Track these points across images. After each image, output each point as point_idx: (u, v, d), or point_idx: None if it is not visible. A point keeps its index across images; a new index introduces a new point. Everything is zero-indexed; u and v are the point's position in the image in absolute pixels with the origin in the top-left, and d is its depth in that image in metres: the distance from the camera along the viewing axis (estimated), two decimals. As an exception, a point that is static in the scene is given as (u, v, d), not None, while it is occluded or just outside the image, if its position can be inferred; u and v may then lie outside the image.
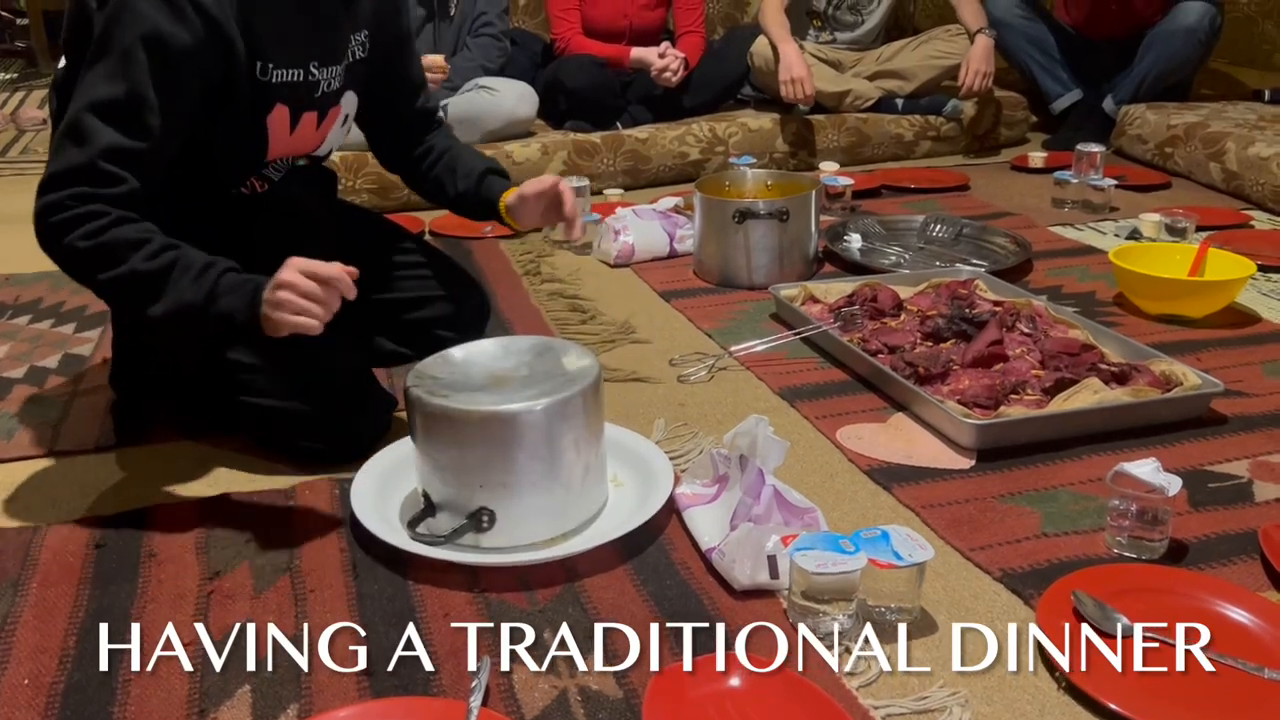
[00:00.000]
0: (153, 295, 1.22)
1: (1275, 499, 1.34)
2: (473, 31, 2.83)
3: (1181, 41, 3.04)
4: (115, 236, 1.21)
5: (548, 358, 1.31)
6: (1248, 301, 2.00)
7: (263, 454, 1.48)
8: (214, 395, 1.48)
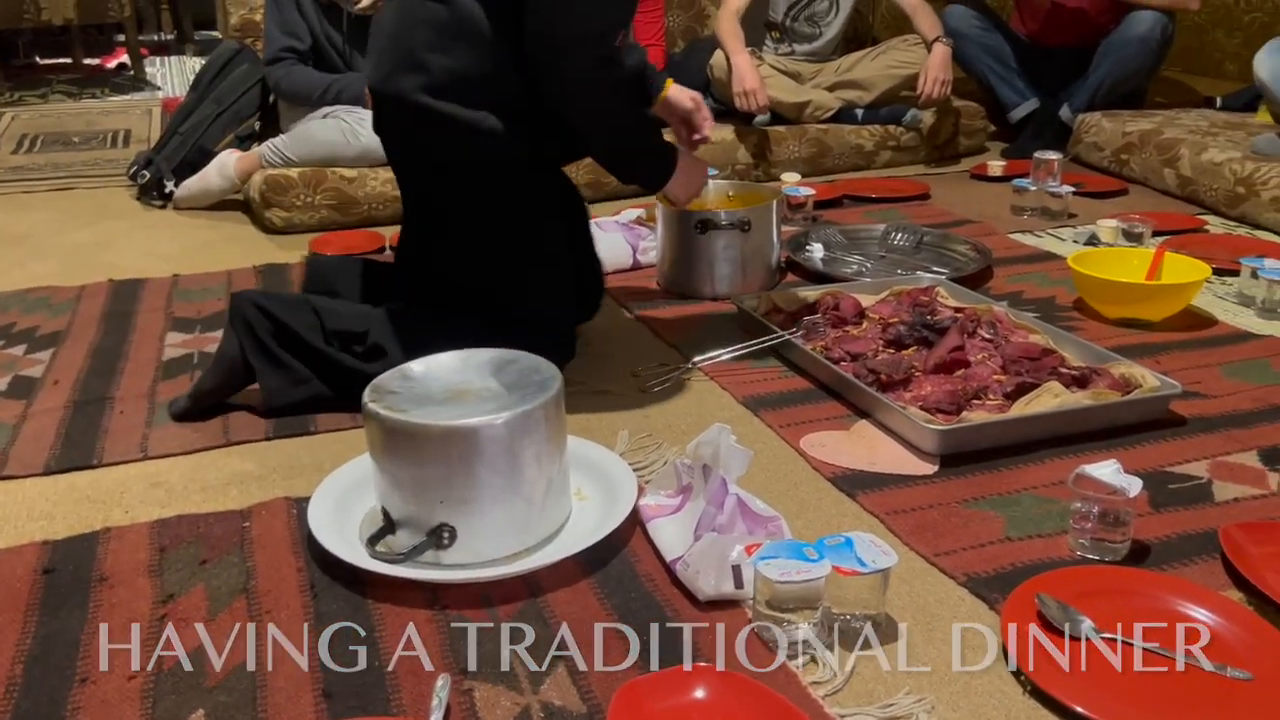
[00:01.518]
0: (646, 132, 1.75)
1: (1234, 499, 1.35)
2: None
3: (1134, 50, 3.08)
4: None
5: (509, 371, 1.29)
6: (1204, 304, 2.03)
7: (219, 473, 1.46)
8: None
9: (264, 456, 1.52)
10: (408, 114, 1.64)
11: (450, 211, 1.73)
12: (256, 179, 2.66)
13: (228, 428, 1.59)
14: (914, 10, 3.15)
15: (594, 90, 1.63)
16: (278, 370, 1.62)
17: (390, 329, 1.67)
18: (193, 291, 2.21)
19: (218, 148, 2.88)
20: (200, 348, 1.91)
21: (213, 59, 3.05)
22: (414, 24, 1.62)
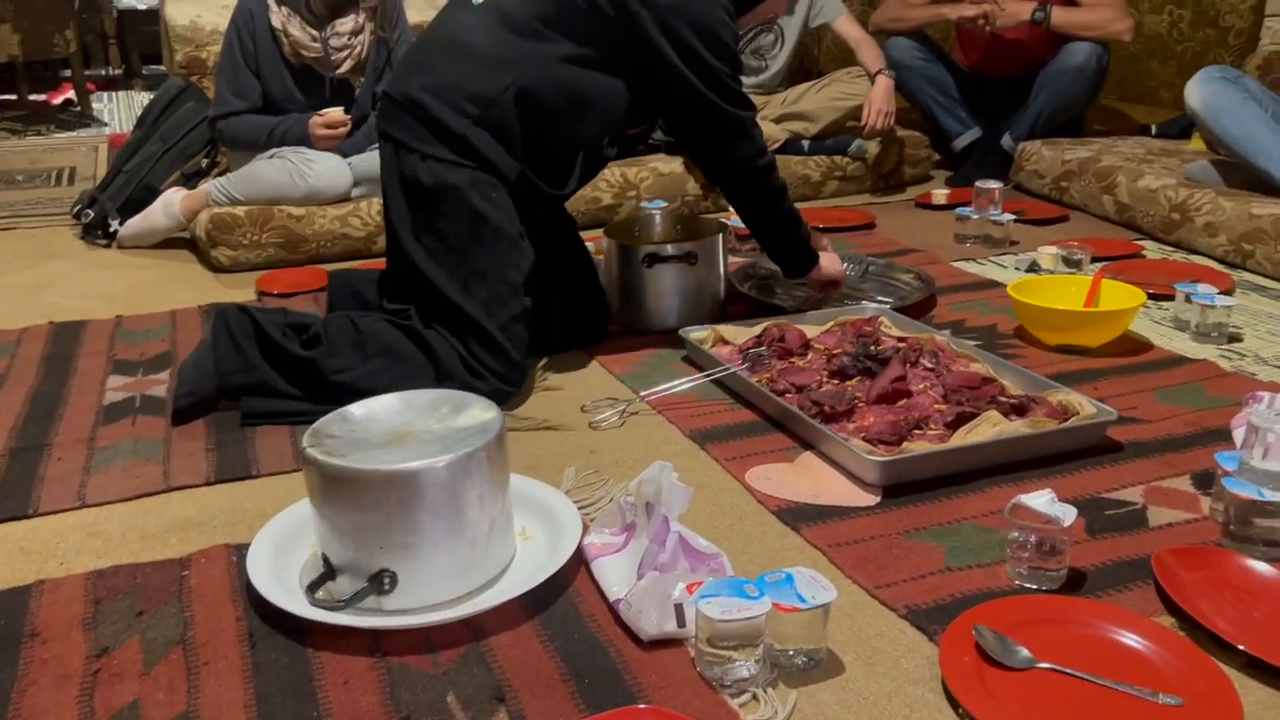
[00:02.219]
0: (796, 225, 2.11)
1: (1168, 524, 1.38)
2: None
3: (1071, 80, 3.16)
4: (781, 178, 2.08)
5: (450, 411, 1.29)
6: (1141, 329, 2.07)
7: (159, 520, 1.44)
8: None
9: (206, 502, 1.50)
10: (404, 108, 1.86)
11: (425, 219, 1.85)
12: (203, 217, 2.64)
13: (169, 473, 1.57)
14: (857, 43, 3.20)
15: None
16: (236, 356, 1.76)
17: (337, 323, 1.80)
18: (136, 333, 2.19)
19: (163, 186, 2.86)
20: (142, 391, 1.89)
21: (159, 96, 3.03)
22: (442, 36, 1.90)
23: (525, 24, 1.83)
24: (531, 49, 1.83)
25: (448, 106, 1.81)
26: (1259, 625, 1.14)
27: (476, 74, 1.81)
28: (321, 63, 2.66)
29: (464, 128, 1.81)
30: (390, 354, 1.77)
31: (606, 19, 1.82)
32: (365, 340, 1.78)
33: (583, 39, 1.84)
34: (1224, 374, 1.87)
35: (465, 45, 1.84)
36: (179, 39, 3.18)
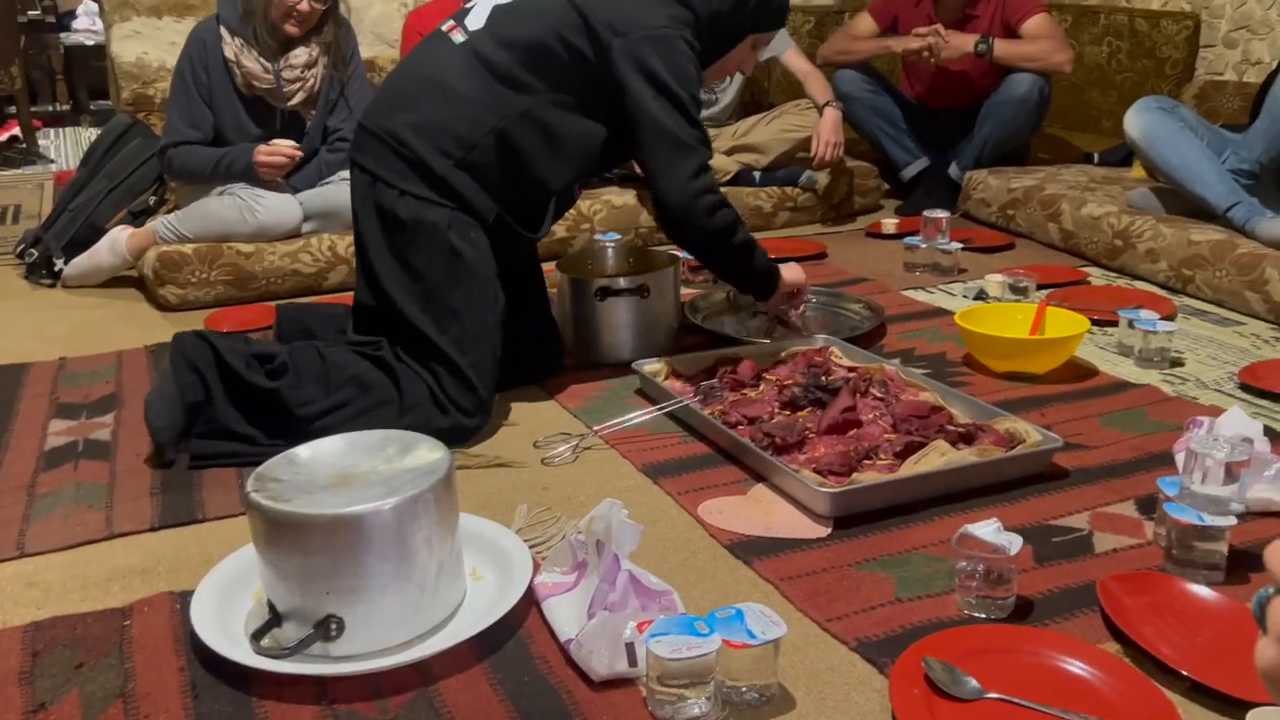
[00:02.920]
0: (750, 257, 2.02)
1: (1113, 549, 1.40)
2: (330, 144, 2.78)
3: (1014, 110, 3.22)
4: (733, 212, 1.97)
5: (397, 452, 1.28)
6: (1087, 355, 2.11)
7: (101, 568, 1.41)
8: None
9: (150, 548, 1.47)
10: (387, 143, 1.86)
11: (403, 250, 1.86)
12: (150, 255, 2.61)
13: (111, 519, 1.54)
14: (805, 76, 3.25)
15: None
16: (199, 385, 1.73)
17: (303, 353, 1.80)
18: (80, 375, 2.15)
19: (109, 224, 2.82)
20: (86, 434, 1.85)
21: (104, 133, 3.00)
22: (422, 73, 1.91)
23: (505, 70, 1.84)
24: (511, 94, 1.84)
25: (432, 147, 1.82)
26: (1202, 650, 1.15)
27: (460, 116, 1.83)
28: (274, 94, 2.65)
29: (446, 169, 1.82)
30: (357, 384, 1.77)
31: (585, 61, 1.85)
32: (330, 370, 1.78)
33: (560, 84, 1.86)
34: (1167, 399, 1.90)
35: (448, 86, 1.85)
36: (126, 76, 3.16)
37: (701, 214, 1.89)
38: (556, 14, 1.86)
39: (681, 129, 1.85)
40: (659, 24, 1.85)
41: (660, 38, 1.84)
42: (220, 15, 2.63)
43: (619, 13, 1.85)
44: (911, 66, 3.47)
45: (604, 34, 1.83)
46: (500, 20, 1.88)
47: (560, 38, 1.84)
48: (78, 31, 6.48)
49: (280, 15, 2.57)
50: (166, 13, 3.24)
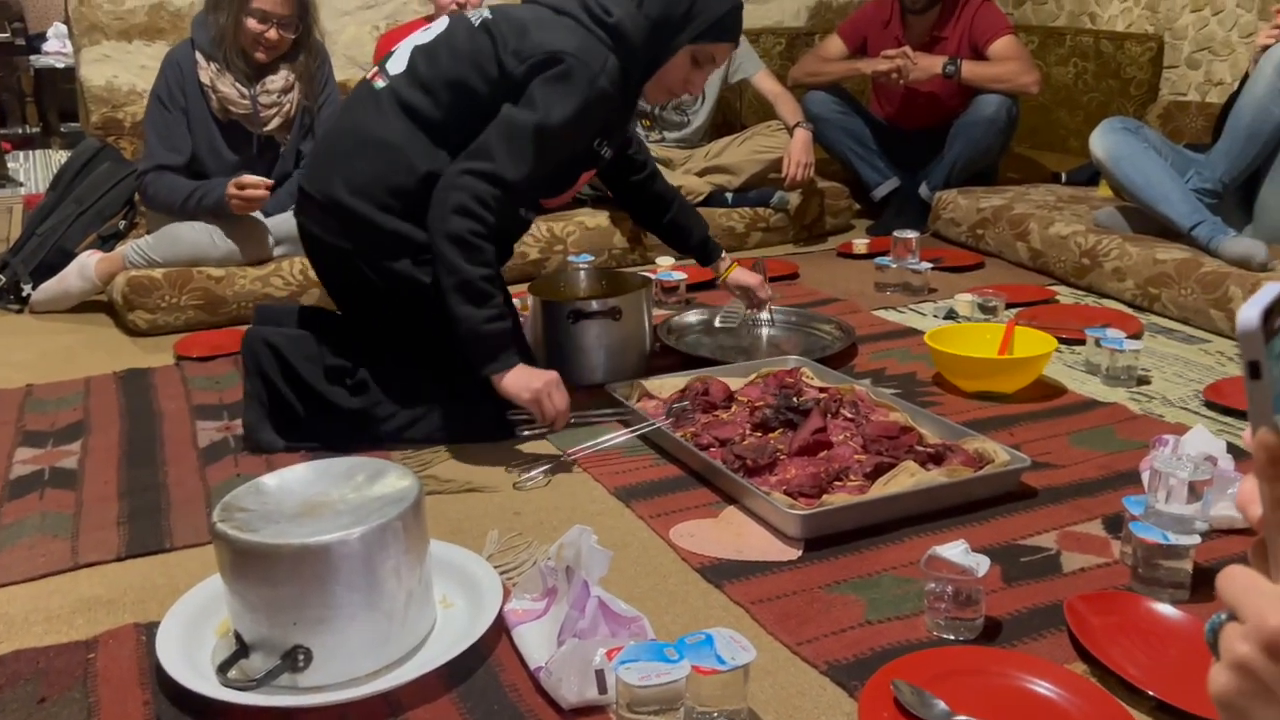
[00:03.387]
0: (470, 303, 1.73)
1: (1081, 569, 1.41)
2: (303, 169, 2.77)
3: (983, 131, 3.26)
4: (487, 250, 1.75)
5: (366, 480, 1.27)
6: (1055, 373, 2.13)
7: (65, 600, 1.39)
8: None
9: (115, 579, 1.46)
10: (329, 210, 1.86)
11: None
12: (119, 280, 2.59)
13: (77, 549, 1.52)
14: (775, 98, 3.28)
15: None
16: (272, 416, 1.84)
17: (381, 369, 1.86)
18: (47, 402, 2.13)
19: (79, 249, 2.80)
20: (52, 463, 1.83)
21: (73, 157, 2.98)
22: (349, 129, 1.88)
23: (428, 113, 1.82)
24: (435, 138, 1.82)
25: (371, 204, 1.81)
26: (1167, 670, 1.16)
27: (392, 167, 1.81)
28: (250, 120, 2.64)
29: (392, 223, 1.81)
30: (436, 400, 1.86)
31: (501, 92, 1.81)
32: (405, 383, 1.85)
33: (485, 119, 1.80)
34: (1134, 417, 1.92)
35: (375, 137, 1.83)
36: (95, 100, 3.15)
37: (446, 207, 1.73)
38: (470, 46, 1.83)
39: (497, 140, 1.76)
40: (568, 49, 1.78)
41: (564, 70, 1.78)
42: (195, 40, 2.62)
43: (527, 39, 1.81)
44: (881, 88, 3.51)
45: (509, 62, 1.80)
46: (419, 61, 1.85)
47: (478, 71, 1.82)
48: (48, 54, 6.45)
49: (249, 42, 2.57)
50: (136, 37, 3.23)
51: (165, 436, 1.93)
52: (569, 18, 1.84)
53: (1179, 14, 3.64)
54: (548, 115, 1.77)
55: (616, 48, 1.84)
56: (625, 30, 1.84)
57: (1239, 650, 0.48)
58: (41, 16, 6.84)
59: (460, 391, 1.86)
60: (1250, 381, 0.48)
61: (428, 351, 1.87)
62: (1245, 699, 0.48)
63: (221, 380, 2.20)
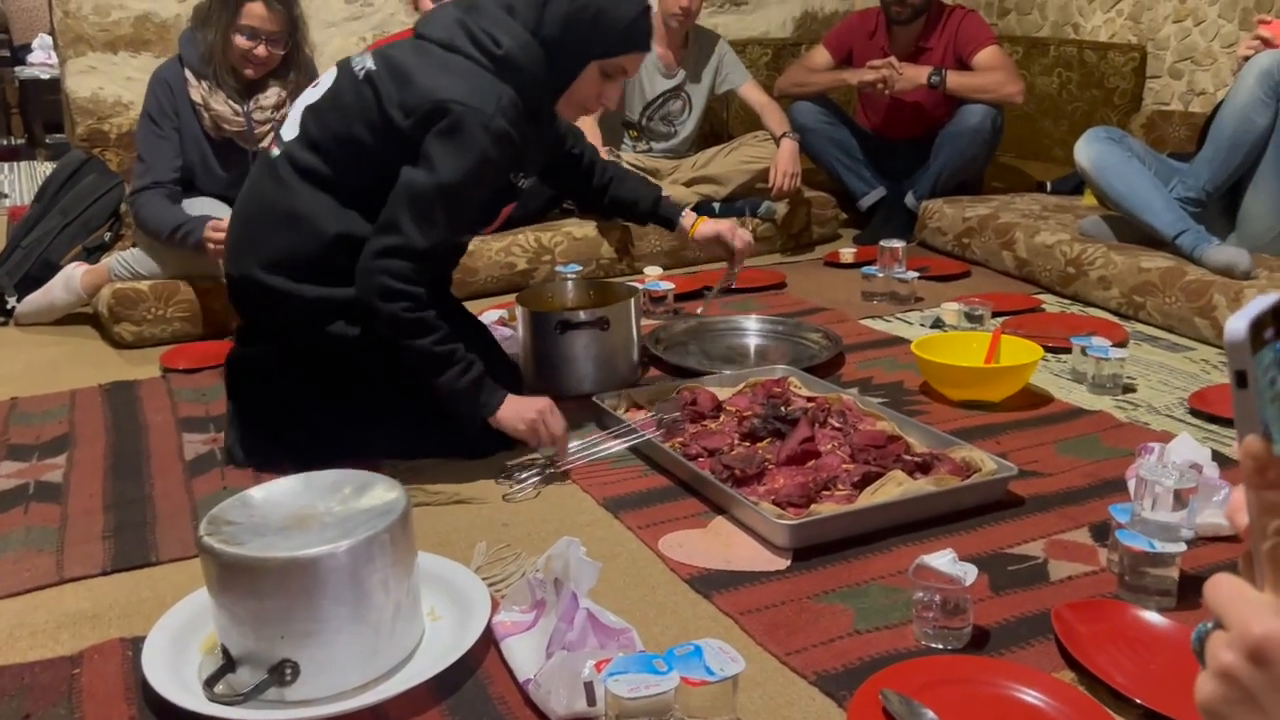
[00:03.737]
0: (434, 367, 1.71)
1: (1068, 577, 1.41)
2: None
3: (968, 141, 3.28)
4: (425, 316, 1.69)
5: (353, 492, 1.27)
6: (1042, 382, 2.13)
7: (50, 615, 1.38)
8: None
9: (101, 593, 1.45)
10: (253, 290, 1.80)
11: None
12: (105, 293, 2.58)
13: (62, 564, 1.52)
14: (762, 108, 3.29)
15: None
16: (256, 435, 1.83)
17: (364, 390, 1.83)
18: (32, 415, 2.12)
19: (64, 261, 2.79)
20: (37, 476, 1.82)
21: (59, 169, 2.97)
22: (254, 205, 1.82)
23: (324, 174, 1.75)
24: (340, 198, 1.75)
25: (290, 279, 1.75)
26: (1154, 677, 1.17)
27: (302, 238, 1.75)
28: (244, 137, 2.62)
29: (314, 291, 1.75)
30: (420, 417, 1.83)
31: (390, 143, 1.71)
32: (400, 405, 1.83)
33: (379, 172, 1.72)
34: (1119, 424, 1.93)
35: (280, 211, 1.76)
36: (81, 111, 3.14)
37: (372, 292, 1.68)
38: (356, 101, 1.73)
39: (402, 211, 1.68)
40: (457, 100, 1.67)
41: (455, 120, 1.67)
42: (183, 58, 2.59)
43: (410, 89, 1.69)
44: (867, 98, 3.52)
45: (396, 116, 1.69)
46: (309, 122, 1.77)
47: (366, 125, 1.72)
48: (33, 65, 6.43)
49: (238, 59, 2.55)
50: (122, 48, 3.23)
51: (151, 449, 1.93)
52: (457, 54, 1.73)
53: (1161, 24, 3.67)
54: (446, 175, 1.67)
55: (511, 79, 1.73)
56: (517, 61, 1.73)
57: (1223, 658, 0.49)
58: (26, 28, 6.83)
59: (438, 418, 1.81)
60: (1237, 391, 0.48)
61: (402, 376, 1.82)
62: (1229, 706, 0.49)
63: (208, 392, 2.19)
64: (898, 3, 3.28)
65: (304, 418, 1.82)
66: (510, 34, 1.74)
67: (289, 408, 1.83)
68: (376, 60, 1.76)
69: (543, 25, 1.76)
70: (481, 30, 1.74)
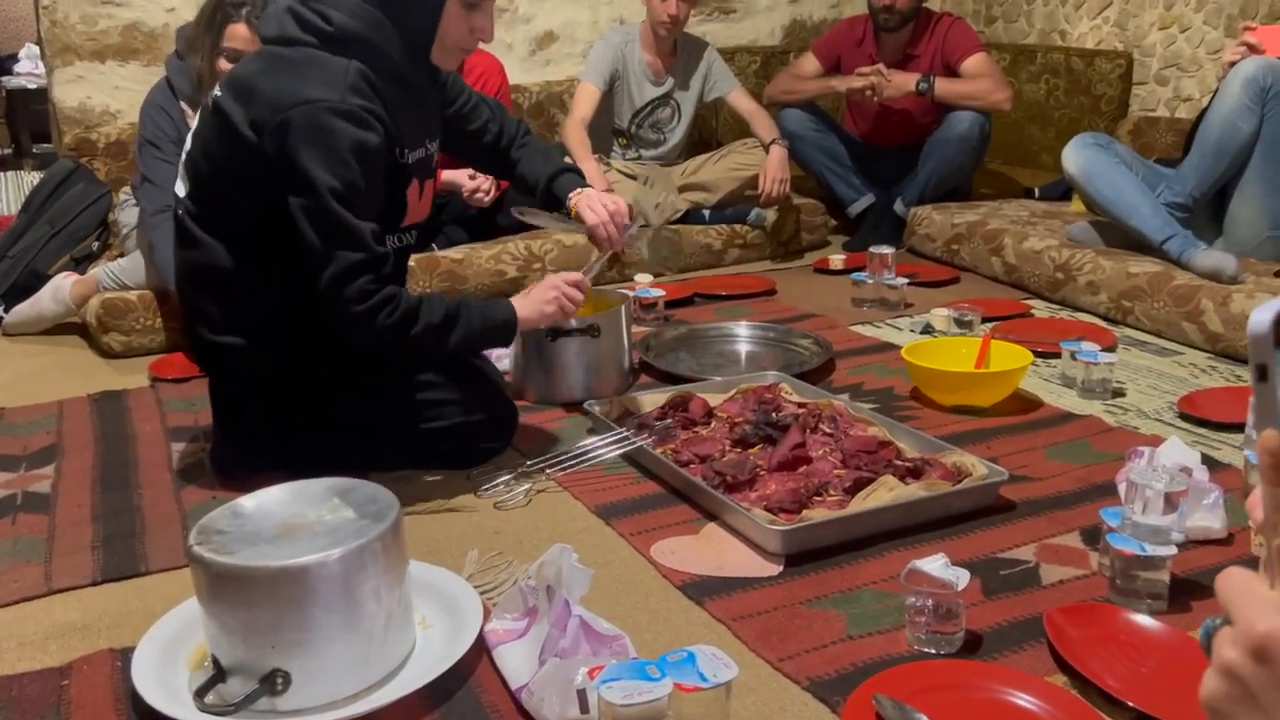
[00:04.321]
0: (446, 336, 1.68)
1: (1059, 581, 1.42)
2: None
3: (956, 148, 3.29)
4: (406, 305, 1.63)
5: (343, 501, 1.26)
6: (1031, 387, 2.14)
7: (39, 626, 1.37)
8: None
9: (90, 604, 1.44)
10: (213, 354, 1.78)
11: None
12: (93, 303, 2.57)
13: (50, 574, 1.50)
14: (751, 115, 3.30)
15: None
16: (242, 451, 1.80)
17: (355, 403, 1.80)
18: (19, 425, 2.10)
19: (51, 270, 2.78)
20: (24, 487, 1.81)
21: (46, 178, 2.96)
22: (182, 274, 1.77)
23: (227, 222, 1.68)
24: (250, 241, 1.68)
25: (240, 335, 1.71)
26: (1146, 680, 1.17)
27: (233, 293, 1.70)
28: None
29: (259, 343, 1.72)
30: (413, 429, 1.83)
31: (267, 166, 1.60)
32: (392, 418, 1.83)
33: (254, 197, 1.64)
34: (1109, 429, 1.94)
35: (204, 272, 1.70)
36: (68, 120, 3.13)
37: (353, 325, 1.62)
38: (215, 136, 1.65)
39: (317, 240, 1.58)
40: (299, 100, 1.56)
41: (303, 119, 1.56)
42: (174, 86, 2.58)
43: (254, 103, 1.60)
44: (856, 105, 3.54)
45: (249, 136, 1.60)
46: (192, 173, 1.71)
47: (236, 156, 1.63)
48: (19, 75, 6.41)
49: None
50: (110, 58, 3.22)
51: (140, 459, 1.92)
52: (293, 46, 1.64)
53: (1147, 31, 3.70)
54: (326, 181, 1.55)
55: (353, 52, 1.62)
56: (352, 31, 1.62)
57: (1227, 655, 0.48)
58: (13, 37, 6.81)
59: (434, 419, 1.82)
60: (1258, 385, 0.48)
61: (389, 392, 1.81)
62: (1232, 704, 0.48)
63: (196, 402, 2.18)
64: (886, 10, 3.30)
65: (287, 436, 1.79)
66: (337, 7, 1.62)
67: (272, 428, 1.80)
68: (223, 86, 1.67)
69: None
70: (310, 11, 1.63)
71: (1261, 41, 2.55)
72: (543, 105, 3.70)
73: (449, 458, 1.84)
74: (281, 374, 1.76)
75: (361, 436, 1.81)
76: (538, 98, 3.69)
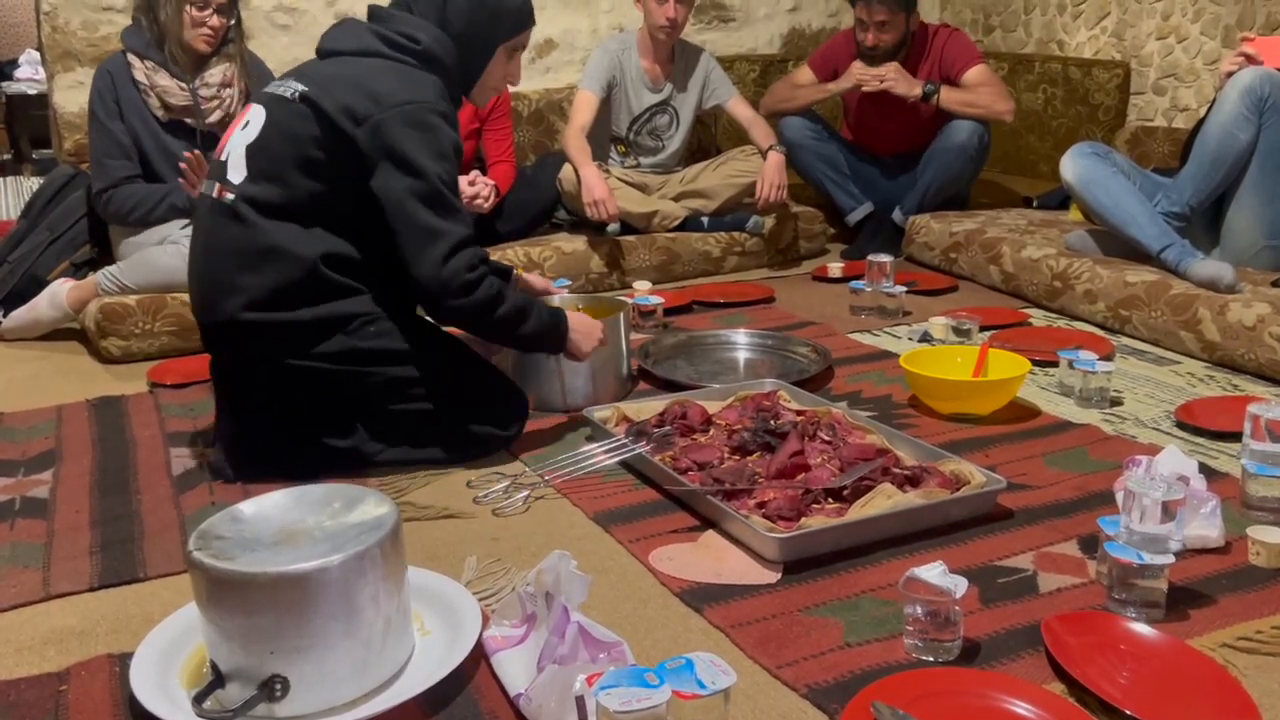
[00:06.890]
0: (520, 323, 1.85)
1: (1057, 589, 1.42)
2: None
3: (954, 157, 3.30)
4: (501, 286, 1.81)
5: (342, 507, 1.27)
6: (1029, 395, 2.14)
7: (37, 631, 1.37)
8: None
9: (88, 609, 1.44)
10: (239, 332, 1.78)
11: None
12: (92, 308, 2.57)
13: (48, 580, 1.50)
14: (749, 123, 3.31)
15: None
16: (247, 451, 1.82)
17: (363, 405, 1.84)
18: (17, 430, 2.10)
19: (50, 276, 2.78)
20: (23, 492, 1.81)
21: (46, 184, 2.96)
22: (221, 252, 1.78)
23: (289, 204, 1.75)
24: (307, 221, 1.76)
25: (278, 309, 1.75)
26: (1144, 688, 1.17)
27: (283, 268, 1.74)
28: (190, 112, 2.68)
29: (308, 313, 1.76)
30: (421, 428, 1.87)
31: (342, 154, 1.74)
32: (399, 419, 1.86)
33: (340, 186, 1.75)
34: (1107, 437, 1.94)
35: (254, 249, 1.75)
36: (68, 126, 3.13)
37: (456, 294, 1.75)
38: (300, 125, 1.74)
39: (430, 217, 1.72)
40: (403, 100, 1.73)
41: (410, 115, 1.72)
42: (126, 45, 2.68)
43: (354, 97, 1.73)
44: (856, 115, 3.54)
45: (344, 124, 1.72)
46: (257, 159, 1.77)
47: (318, 145, 1.74)
48: (19, 80, 6.41)
49: (191, 33, 2.62)
50: (110, 63, 3.21)
51: (139, 464, 1.92)
52: (380, 59, 1.80)
53: (1145, 41, 3.71)
54: (433, 164, 1.72)
55: (434, 70, 1.81)
56: (435, 53, 1.82)
57: None
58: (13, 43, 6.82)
59: (444, 416, 1.86)
60: None
61: (400, 386, 1.84)
62: None
63: (195, 407, 2.19)
64: (871, 50, 3.30)
65: (292, 433, 1.81)
66: (423, 30, 1.82)
67: (277, 424, 1.82)
68: (303, 81, 1.78)
69: (448, 22, 1.84)
70: (395, 33, 1.81)
71: (1259, 52, 2.56)
72: (542, 113, 3.70)
73: (459, 448, 1.88)
74: (318, 349, 1.77)
75: (369, 423, 1.84)
76: (537, 105, 3.70)
